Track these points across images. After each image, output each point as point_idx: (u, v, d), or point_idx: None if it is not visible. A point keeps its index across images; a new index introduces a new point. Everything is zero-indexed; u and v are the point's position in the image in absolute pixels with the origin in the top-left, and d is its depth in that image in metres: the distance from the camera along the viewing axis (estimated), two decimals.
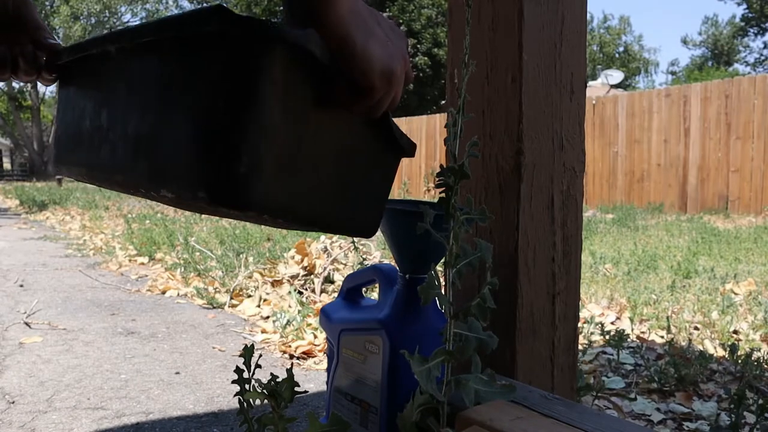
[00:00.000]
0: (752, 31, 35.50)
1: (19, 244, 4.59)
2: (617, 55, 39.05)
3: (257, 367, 0.73)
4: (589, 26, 1.80)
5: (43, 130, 29.66)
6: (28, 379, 1.56)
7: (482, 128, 0.91)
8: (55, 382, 1.54)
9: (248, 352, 0.74)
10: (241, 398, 0.73)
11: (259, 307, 2.41)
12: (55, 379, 1.56)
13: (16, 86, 29.58)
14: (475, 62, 0.64)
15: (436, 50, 23.01)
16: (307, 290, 2.60)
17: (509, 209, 0.87)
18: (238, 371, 0.73)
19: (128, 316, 2.29)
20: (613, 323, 2.24)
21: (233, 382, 0.74)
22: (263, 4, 22.49)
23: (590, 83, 13.45)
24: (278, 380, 0.69)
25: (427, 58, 22.86)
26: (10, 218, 7.15)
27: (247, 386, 0.73)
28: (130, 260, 3.67)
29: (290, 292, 2.48)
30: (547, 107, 0.89)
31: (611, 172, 9.34)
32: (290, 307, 2.30)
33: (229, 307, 2.45)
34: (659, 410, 1.40)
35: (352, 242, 2.88)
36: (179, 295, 2.71)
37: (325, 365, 1.71)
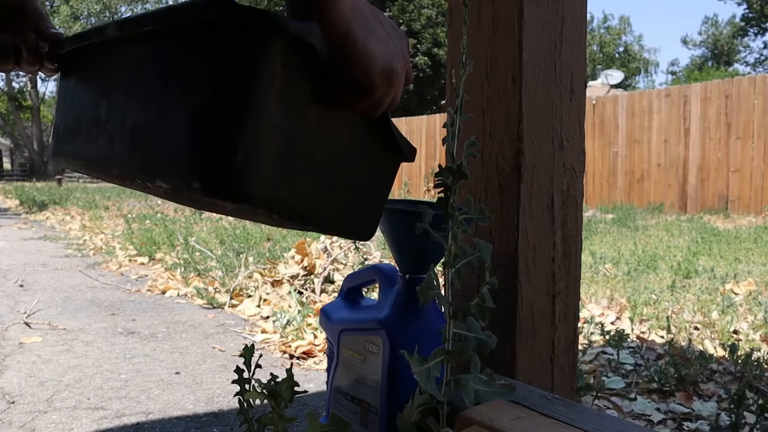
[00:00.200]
0: (752, 31, 35.50)
1: (19, 244, 4.59)
2: (617, 55, 39.06)
3: (257, 367, 0.73)
4: (589, 26, 1.80)
5: (43, 130, 29.64)
6: (28, 379, 1.56)
7: (482, 128, 0.91)
8: (55, 382, 1.54)
9: (248, 352, 0.74)
10: (241, 398, 0.73)
11: (259, 307, 2.41)
12: (55, 379, 1.56)
13: (16, 86, 29.61)
14: (472, 62, 0.64)
15: (436, 50, 23.02)
16: (307, 290, 2.60)
17: (509, 209, 0.87)
18: (238, 371, 0.73)
19: (128, 316, 2.29)
20: (613, 323, 2.24)
21: (233, 382, 0.74)
22: (263, 4, 22.48)
23: (590, 83, 13.44)
24: (278, 380, 0.69)
25: (427, 58, 22.87)
26: (10, 218, 7.15)
27: (247, 386, 0.73)
28: (130, 260, 3.67)
29: (290, 292, 2.48)
30: (547, 107, 0.89)
31: (611, 172, 9.34)
32: (290, 307, 2.30)
33: (229, 307, 2.45)
34: (659, 410, 1.40)
35: (352, 242, 2.88)
36: (179, 295, 2.71)
37: (325, 365, 1.71)
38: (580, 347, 1.61)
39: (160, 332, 2.06)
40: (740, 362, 1.60)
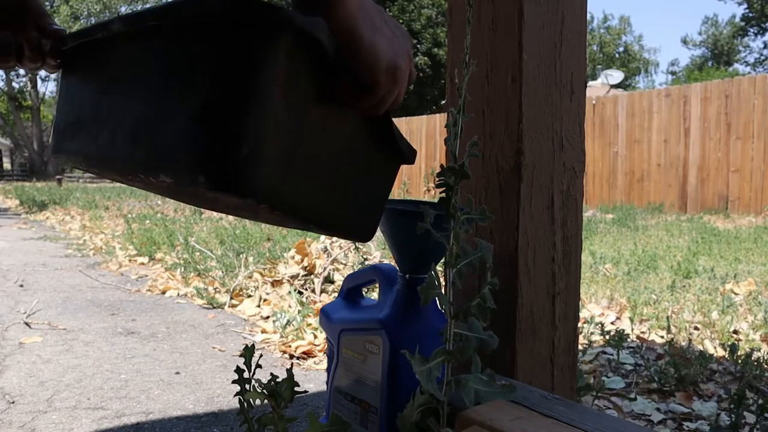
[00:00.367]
0: (752, 31, 35.51)
1: (19, 244, 4.59)
2: (617, 55, 39.07)
3: (257, 367, 0.73)
4: (589, 26, 1.81)
5: (43, 130, 29.63)
6: (28, 379, 1.56)
7: (482, 128, 0.91)
8: (55, 382, 1.54)
9: (248, 352, 0.74)
10: (241, 398, 0.73)
11: (259, 307, 2.41)
12: (55, 379, 1.56)
13: (16, 86, 29.60)
14: (475, 62, 0.64)
15: (436, 50, 23.02)
16: (307, 290, 2.60)
17: (509, 209, 0.87)
18: (238, 371, 0.73)
19: (128, 316, 2.29)
20: (613, 323, 2.24)
21: (233, 382, 0.74)
22: None
23: (590, 83, 13.45)
24: (278, 380, 0.69)
25: (427, 58, 22.87)
26: (10, 218, 7.15)
27: (247, 386, 0.73)
28: (130, 260, 3.67)
29: (290, 292, 2.48)
30: (547, 107, 0.89)
31: (611, 172, 9.34)
32: (290, 307, 2.30)
33: (229, 307, 2.45)
34: (659, 410, 1.40)
35: (352, 242, 2.88)
36: (179, 295, 2.71)
37: (325, 365, 1.71)
38: (580, 347, 1.61)
39: (160, 332, 2.06)
40: (740, 362, 1.60)
